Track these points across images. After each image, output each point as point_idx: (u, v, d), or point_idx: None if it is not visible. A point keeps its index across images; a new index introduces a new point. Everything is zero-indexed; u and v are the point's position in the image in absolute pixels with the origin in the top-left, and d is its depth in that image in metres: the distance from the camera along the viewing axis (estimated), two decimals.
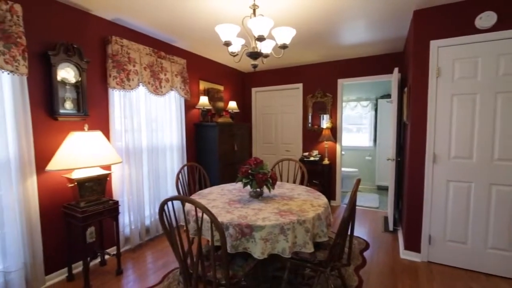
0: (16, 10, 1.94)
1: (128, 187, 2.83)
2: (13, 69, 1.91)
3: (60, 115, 2.27)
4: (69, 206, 2.22)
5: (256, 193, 2.11)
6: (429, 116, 2.47)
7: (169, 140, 3.39)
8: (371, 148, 5.74)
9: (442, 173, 2.46)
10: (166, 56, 3.20)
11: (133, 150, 2.86)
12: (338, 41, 3.38)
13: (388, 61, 3.92)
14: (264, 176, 2.00)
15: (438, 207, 2.50)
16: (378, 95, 5.54)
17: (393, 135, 3.29)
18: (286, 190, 2.37)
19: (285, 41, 2.08)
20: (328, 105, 4.40)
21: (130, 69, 2.76)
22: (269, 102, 5.05)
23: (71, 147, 2.12)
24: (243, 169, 2.07)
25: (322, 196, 2.14)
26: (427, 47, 2.45)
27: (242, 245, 1.56)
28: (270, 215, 1.69)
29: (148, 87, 2.96)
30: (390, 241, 3.05)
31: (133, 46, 2.81)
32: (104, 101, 2.68)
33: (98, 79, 2.62)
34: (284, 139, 4.93)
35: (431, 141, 2.48)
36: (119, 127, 2.77)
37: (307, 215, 1.69)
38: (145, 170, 3.04)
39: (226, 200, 2.07)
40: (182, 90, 3.43)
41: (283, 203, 1.97)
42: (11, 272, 1.98)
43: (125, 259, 2.69)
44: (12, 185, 1.99)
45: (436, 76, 2.42)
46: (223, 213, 1.74)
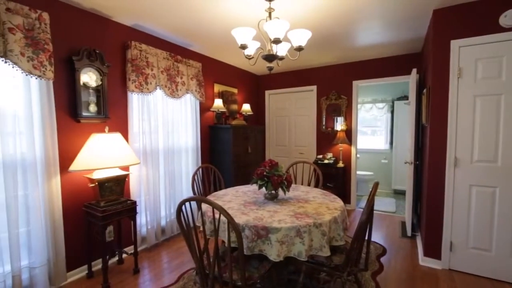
0: (44, 18, 2.05)
1: (145, 188, 2.89)
2: (41, 74, 2.01)
3: (82, 118, 2.37)
4: (89, 205, 2.30)
5: (271, 195, 2.11)
6: (449, 118, 2.39)
7: (185, 142, 3.45)
8: (387, 151, 5.60)
9: (464, 177, 2.36)
10: (182, 60, 3.27)
11: (150, 152, 2.93)
12: (353, 42, 3.34)
13: (405, 62, 3.84)
14: (280, 178, 2.00)
15: (459, 212, 2.40)
16: (395, 97, 5.42)
17: (411, 138, 3.20)
18: (301, 192, 2.35)
19: (300, 43, 2.08)
20: (343, 107, 4.34)
21: (148, 73, 2.84)
22: (283, 105, 5.04)
23: (92, 148, 2.20)
24: (258, 171, 2.08)
25: (338, 199, 2.11)
26: (448, 47, 2.37)
27: (258, 247, 1.56)
28: (286, 218, 1.68)
29: (165, 90, 3.03)
30: (408, 247, 2.96)
31: (151, 51, 2.89)
32: (123, 104, 2.76)
33: (118, 83, 2.71)
34: (297, 141, 4.91)
35: (452, 144, 2.39)
36: (137, 129, 2.85)
37: (324, 218, 1.67)
38: (162, 171, 3.10)
39: (241, 201, 2.08)
40: (197, 93, 3.49)
41: (298, 205, 1.95)
42: (36, 268, 2.06)
43: (141, 258, 2.75)
44: (38, 184, 2.08)
45: (457, 77, 2.34)
46: (239, 215, 1.75)
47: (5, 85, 1.95)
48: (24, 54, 1.92)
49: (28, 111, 2.03)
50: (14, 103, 1.99)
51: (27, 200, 2.05)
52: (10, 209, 1.92)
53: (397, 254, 2.78)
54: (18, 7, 1.90)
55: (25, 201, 2.04)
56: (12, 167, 1.93)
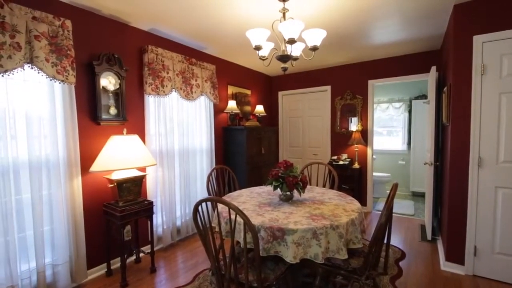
0: (67, 25, 2.14)
1: (161, 189, 2.95)
2: (64, 79, 2.10)
3: (102, 120, 2.44)
4: (108, 205, 2.37)
5: (286, 196, 2.09)
6: (473, 116, 2.29)
7: (199, 143, 3.49)
8: (404, 151, 5.44)
9: (489, 179, 2.25)
10: (197, 63, 3.32)
11: (166, 153, 2.99)
12: (369, 41, 3.28)
13: (423, 60, 3.72)
14: (295, 179, 1.98)
15: (484, 215, 2.29)
16: (412, 96, 5.26)
17: (431, 138, 3.09)
18: (316, 194, 2.32)
19: (315, 43, 2.06)
20: (358, 107, 4.26)
21: (164, 76, 2.90)
22: (296, 105, 5.01)
23: (111, 149, 2.27)
24: (273, 172, 2.07)
25: (354, 201, 2.07)
26: (470, 43, 2.28)
27: (273, 248, 1.55)
28: (302, 219, 1.66)
29: (180, 92, 3.08)
30: (428, 251, 2.85)
31: (167, 54, 2.95)
32: (140, 106, 2.83)
33: (135, 86, 2.79)
34: (311, 142, 4.85)
35: (475, 143, 2.29)
36: (154, 131, 2.92)
37: (340, 220, 1.64)
38: (177, 172, 3.15)
39: (256, 203, 2.07)
40: (211, 95, 3.53)
41: (314, 207, 1.93)
42: (59, 265, 2.15)
43: (157, 257, 2.80)
44: (61, 184, 2.17)
45: (480, 74, 2.24)
46: (254, 216, 1.74)
47: (32, 90, 2.05)
48: (49, 60, 2.01)
49: (52, 115, 2.12)
50: (40, 107, 2.08)
51: (50, 199, 2.14)
52: (35, 208, 2.01)
53: (417, 258, 2.68)
54: (44, 15, 1.99)
55: (49, 200, 2.13)
56: (38, 168, 2.02)
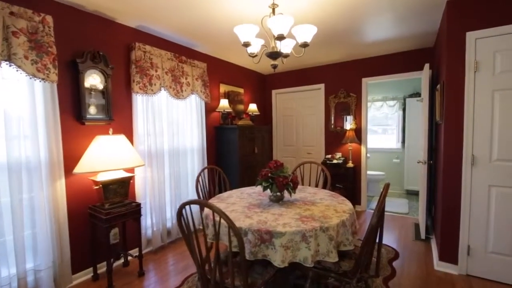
0: (47, 21, 2.05)
1: (150, 190, 2.88)
2: (44, 77, 2.01)
3: (87, 120, 2.36)
4: (94, 207, 2.30)
5: (276, 197, 2.04)
6: (466, 114, 2.25)
7: (190, 143, 3.42)
8: (398, 150, 5.42)
9: (483, 177, 2.22)
10: (187, 61, 3.24)
11: (155, 153, 2.91)
12: (362, 38, 3.23)
13: (417, 58, 3.68)
14: (285, 179, 1.92)
15: (478, 214, 2.26)
16: (406, 94, 5.23)
17: (424, 136, 3.06)
18: (308, 194, 2.27)
19: (306, 39, 2.01)
20: (352, 106, 4.22)
21: (153, 74, 2.82)
22: (290, 104, 4.96)
23: (96, 150, 2.19)
24: (263, 172, 2.01)
25: (346, 201, 2.02)
26: (463, 39, 2.24)
27: (261, 252, 1.50)
28: (291, 221, 1.61)
29: (169, 91, 3.00)
30: (422, 250, 2.82)
31: (155, 52, 2.87)
32: (128, 105, 2.75)
33: (123, 85, 2.71)
34: (305, 141, 4.81)
35: (468, 142, 2.26)
36: (142, 130, 2.84)
37: (331, 221, 1.59)
38: (167, 173, 3.08)
39: (246, 204, 2.01)
40: (202, 94, 3.46)
41: (304, 208, 1.88)
42: (41, 271, 2.07)
43: (147, 260, 2.73)
44: (43, 187, 2.09)
45: (473, 71, 2.21)
46: (242, 218, 1.69)
47: (10, 89, 1.96)
48: (28, 57, 1.93)
49: (32, 114, 2.03)
50: (19, 106, 1.99)
51: (32, 202, 2.06)
52: (15, 212, 1.92)
53: (411, 258, 2.65)
54: (22, 10, 1.91)
55: (30, 203, 2.05)
56: (17, 170, 1.94)
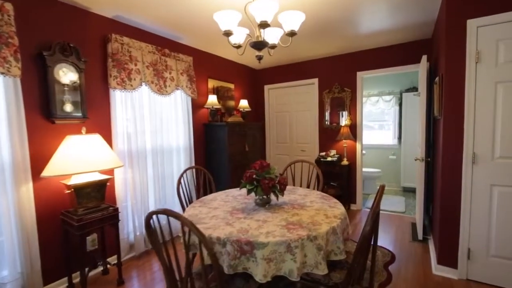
0: (7, 9, 1.85)
1: (132, 192, 2.70)
2: (4, 71, 1.81)
3: (57, 118, 2.17)
4: (66, 213, 2.12)
5: (262, 200, 1.87)
6: (466, 108, 2.10)
7: (176, 141, 3.23)
8: (395, 146, 5.28)
9: (484, 176, 2.08)
10: (170, 54, 3.05)
11: (137, 153, 2.73)
12: (356, 29, 3.05)
13: (414, 50, 3.52)
14: (271, 181, 1.76)
15: (479, 215, 2.12)
16: (403, 89, 5.08)
17: (422, 132, 2.91)
18: (298, 196, 2.11)
19: (293, 28, 1.83)
20: (347, 101, 4.05)
21: (132, 68, 2.63)
22: (283, 100, 4.78)
23: (66, 151, 2.01)
24: (247, 174, 1.84)
25: (338, 204, 1.86)
26: (463, 28, 2.08)
27: (241, 264, 1.33)
28: (276, 229, 1.44)
29: (151, 86, 2.81)
30: (419, 252, 2.68)
31: (135, 44, 2.67)
32: (106, 102, 2.56)
33: (99, 80, 2.51)
34: (299, 138, 4.64)
35: (469, 138, 2.11)
36: (122, 129, 2.65)
37: (320, 229, 1.43)
38: (150, 174, 2.90)
39: (229, 208, 1.85)
40: (188, 89, 3.27)
41: (292, 213, 1.71)
42: (7, 284, 1.89)
43: (129, 267, 2.56)
44: (6, 191, 1.90)
45: (475, 61, 2.05)
46: (222, 225, 1.52)
47: None
48: None
49: None
50: None
51: None
52: None
53: (408, 262, 2.51)
54: None
55: None
56: None
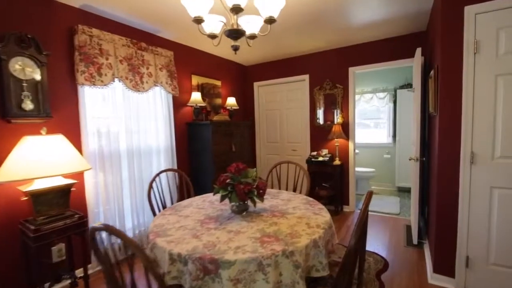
0: None
1: (103, 197, 2.49)
2: None
3: (14, 117, 1.95)
4: (25, 222, 1.90)
5: (239, 207, 1.68)
6: (464, 104, 1.92)
7: (155, 141, 3.02)
8: (390, 145, 5.12)
9: (484, 178, 1.90)
10: (148, 48, 2.83)
11: (109, 155, 2.52)
12: (347, 21, 2.86)
13: (408, 43, 3.34)
14: (247, 186, 1.57)
15: (478, 220, 1.95)
16: (397, 85, 4.91)
17: (416, 130, 2.73)
18: (280, 201, 1.92)
19: (271, 14, 1.63)
20: (338, 98, 3.87)
21: (102, 62, 2.41)
22: (273, 97, 4.58)
23: (23, 154, 1.79)
24: (221, 178, 1.65)
25: (323, 211, 1.67)
26: (460, 15, 1.90)
27: (205, 286, 1.14)
28: (248, 243, 1.25)
29: (125, 82, 2.60)
30: (414, 259, 2.51)
31: (106, 37, 2.45)
32: (73, 99, 2.34)
33: (66, 75, 2.29)
34: (290, 137, 4.45)
35: (467, 136, 1.93)
36: (93, 128, 2.44)
37: (298, 242, 1.24)
38: (125, 177, 2.69)
39: (201, 216, 1.65)
40: (168, 86, 3.06)
41: (271, 221, 1.52)
42: None
43: (100, 279, 2.35)
44: None
45: (473, 52, 1.87)
46: (188, 238, 1.33)
47: None
48: None
49: None
50: None
51: None
52: None
53: (402, 270, 2.34)
54: None
55: None
56: None
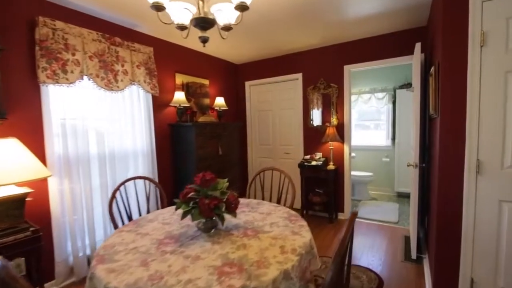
0: None
1: (69, 206, 2.26)
2: None
3: None
4: None
5: (206, 224, 1.44)
6: (469, 104, 1.68)
7: (132, 144, 2.79)
8: (389, 147, 4.87)
9: (492, 189, 1.66)
10: (123, 43, 2.61)
11: (76, 159, 2.30)
12: (341, 14, 2.62)
13: (408, 39, 3.10)
14: (213, 201, 1.33)
15: (484, 238, 1.70)
16: (397, 85, 4.66)
17: (415, 133, 2.49)
18: (258, 215, 1.69)
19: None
20: (333, 98, 3.63)
21: (68, 58, 2.19)
22: (266, 97, 4.34)
23: None
24: (184, 191, 1.42)
25: (304, 230, 1.43)
26: (465, 3, 1.65)
27: None
28: (204, 274, 1.02)
29: (96, 80, 2.38)
30: (412, 276, 2.27)
31: (73, 30, 2.23)
32: (34, 99, 2.12)
33: (25, 72, 2.07)
34: (283, 139, 4.21)
35: (473, 141, 1.69)
36: (58, 131, 2.22)
37: (265, 275, 1.00)
38: (96, 183, 2.47)
39: (161, 235, 1.42)
40: (147, 85, 2.83)
41: (240, 243, 1.29)
42: None
43: None
44: None
45: (479, 45, 1.63)
46: (134, 267, 1.10)
47: None
48: None
49: None
50: None
51: None
52: None
53: None
54: None
55: None
56: None
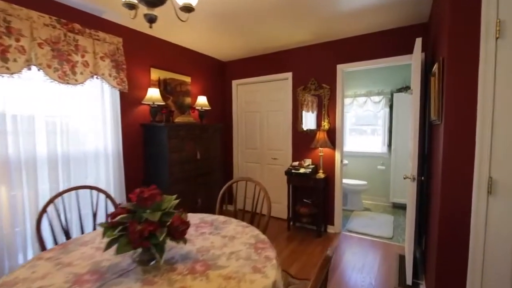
0: None
1: (8, 217, 1.92)
2: None
3: None
4: None
5: (142, 256, 1.11)
6: (480, 108, 1.37)
7: (93, 146, 2.46)
8: (384, 154, 4.56)
9: (507, 214, 1.35)
10: (84, 31, 2.29)
11: (18, 162, 1.96)
12: (335, 6, 2.31)
13: (407, 37, 2.80)
14: (149, 226, 1.01)
15: (497, 270, 1.39)
16: (394, 88, 4.37)
17: (414, 142, 2.18)
18: (219, 239, 1.36)
19: None
20: (325, 100, 3.32)
21: (10, 44, 1.86)
22: (253, 97, 4.03)
23: None
24: (114, 212, 1.09)
25: (269, 265, 1.11)
26: None
27: None
28: None
29: (47, 71, 2.05)
30: None
31: (18, 12, 1.91)
32: None
33: None
34: (270, 144, 3.90)
35: (484, 154, 1.38)
36: None
37: None
38: (45, 191, 2.12)
39: (84, 268, 1.09)
40: (113, 79, 2.50)
41: (181, 285, 0.97)
42: None
43: None
44: None
45: (494, 37, 1.33)
46: None
47: None
48: None
49: None
50: None
51: None
52: None
53: None
54: None
55: None
56: None
